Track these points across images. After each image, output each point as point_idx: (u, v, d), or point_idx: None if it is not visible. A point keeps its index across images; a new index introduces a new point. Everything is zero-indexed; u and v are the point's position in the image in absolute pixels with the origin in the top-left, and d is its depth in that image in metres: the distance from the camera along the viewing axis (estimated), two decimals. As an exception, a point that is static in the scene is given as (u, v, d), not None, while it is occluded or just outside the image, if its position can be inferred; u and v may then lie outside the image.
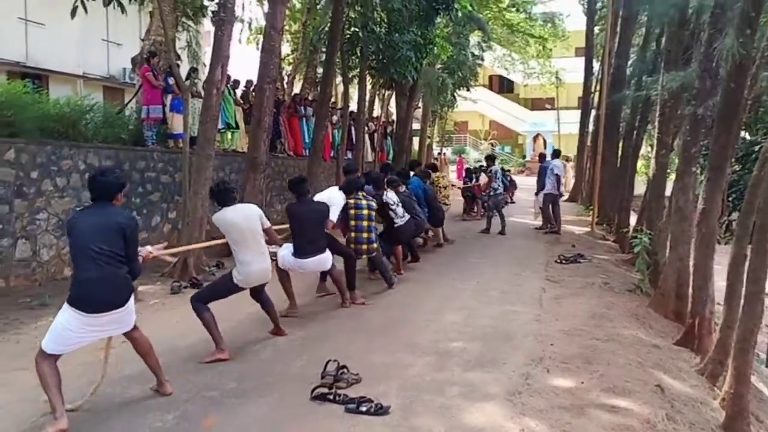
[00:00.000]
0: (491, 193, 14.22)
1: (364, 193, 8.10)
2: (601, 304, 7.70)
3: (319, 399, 4.54)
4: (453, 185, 17.11)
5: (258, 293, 5.99)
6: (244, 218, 5.61)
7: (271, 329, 6.15)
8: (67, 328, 4.07)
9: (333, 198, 7.74)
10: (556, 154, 15.19)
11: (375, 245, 8.08)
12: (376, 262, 8.48)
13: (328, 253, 6.98)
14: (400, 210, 9.00)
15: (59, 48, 17.73)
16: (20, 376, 4.79)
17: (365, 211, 7.89)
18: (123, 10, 9.13)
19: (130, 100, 13.10)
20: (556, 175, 13.91)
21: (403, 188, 9.80)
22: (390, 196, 9.01)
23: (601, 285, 8.88)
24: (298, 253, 6.75)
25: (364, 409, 4.32)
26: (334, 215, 7.50)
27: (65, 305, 4.12)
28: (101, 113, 10.52)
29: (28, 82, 9.53)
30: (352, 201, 7.83)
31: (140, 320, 4.66)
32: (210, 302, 5.53)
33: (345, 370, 4.92)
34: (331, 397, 4.53)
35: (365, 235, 7.88)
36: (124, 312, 4.27)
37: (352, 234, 7.87)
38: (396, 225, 8.96)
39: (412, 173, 11.57)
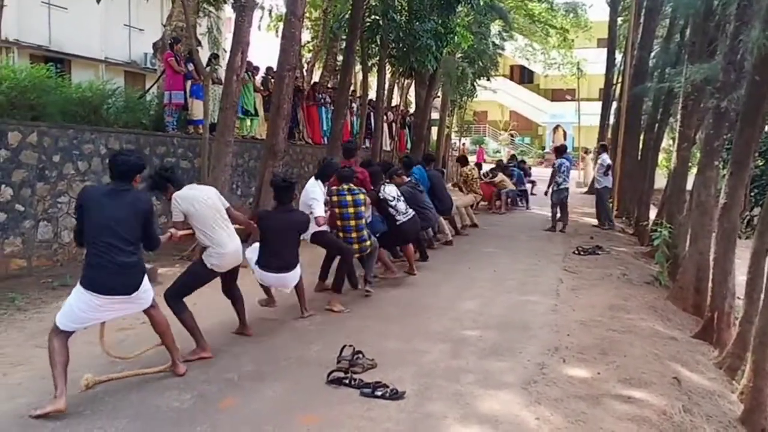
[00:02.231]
0: (554, 188, 13.44)
1: (350, 186, 7.11)
2: (618, 296, 7.66)
3: (335, 383, 4.57)
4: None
5: (230, 285, 5.54)
6: (207, 196, 5.16)
7: (236, 329, 5.72)
8: (79, 307, 4.09)
9: (310, 193, 6.82)
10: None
11: (368, 243, 7.22)
12: (364, 260, 7.44)
13: (295, 272, 5.99)
14: (401, 205, 8.10)
15: (82, 32, 17.89)
16: (41, 353, 4.83)
17: (351, 209, 6.97)
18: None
19: (152, 86, 13.17)
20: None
21: (406, 179, 9.16)
22: (388, 190, 8.08)
23: (619, 277, 8.84)
24: (260, 263, 5.92)
25: (379, 393, 4.35)
26: (319, 210, 6.66)
27: (78, 286, 4.14)
28: (123, 98, 10.60)
29: (50, 66, 9.61)
30: (335, 198, 6.98)
31: (159, 303, 4.70)
32: (186, 296, 5.16)
33: (360, 356, 4.94)
34: (347, 381, 4.57)
35: (354, 234, 7.04)
36: (139, 293, 4.28)
37: (340, 234, 7.07)
38: (398, 222, 8.04)
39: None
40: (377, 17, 15.46)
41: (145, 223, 4.28)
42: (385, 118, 19.15)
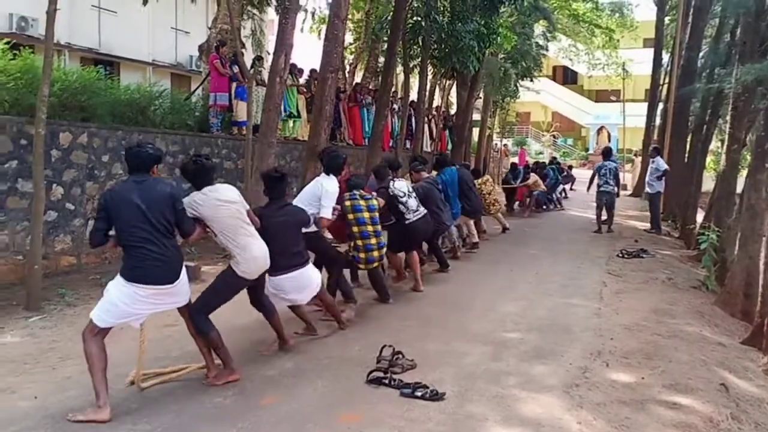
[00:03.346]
0: (598, 190, 13.33)
1: (362, 192, 6.68)
2: (663, 300, 7.51)
3: (375, 383, 4.59)
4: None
5: (260, 294, 5.19)
6: (228, 199, 4.66)
7: (272, 344, 5.35)
8: (123, 301, 4.05)
9: (326, 186, 6.18)
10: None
11: (384, 249, 6.87)
12: (377, 275, 7.02)
13: (310, 268, 5.52)
14: (412, 202, 7.51)
15: (130, 35, 18.28)
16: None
17: (366, 214, 6.51)
18: (193, -2, 9.34)
19: (197, 87, 13.42)
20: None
21: (425, 174, 8.68)
22: (398, 186, 7.50)
23: (664, 281, 8.66)
24: (269, 271, 5.18)
25: (419, 394, 4.34)
26: (327, 210, 6.06)
27: (119, 279, 4.10)
28: (169, 100, 10.81)
29: (100, 69, 9.84)
30: (347, 203, 6.47)
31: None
32: (215, 310, 4.74)
33: (400, 356, 4.95)
34: (387, 381, 4.57)
35: (373, 241, 6.56)
36: (179, 284, 4.26)
37: (359, 242, 6.52)
38: (407, 221, 7.46)
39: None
40: (419, 18, 15.43)
41: (174, 207, 4.22)
42: (426, 119, 19.12)
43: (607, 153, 14.15)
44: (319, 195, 6.10)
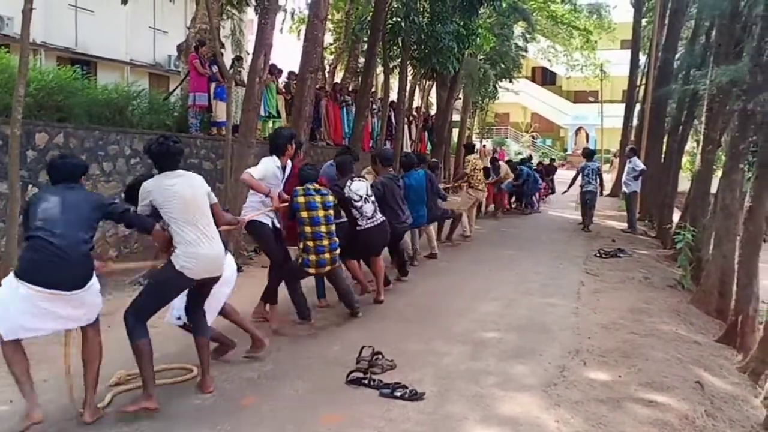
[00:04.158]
0: (581, 190, 13.81)
1: (317, 186, 6.02)
2: (640, 299, 7.61)
3: (355, 383, 4.59)
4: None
5: (198, 304, 4.50)
6: (190, 187, 4.23)
7: (198, 380, 4.55)
8: (13, 305, 3.65)
9: (261, 167, 5.79)
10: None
11: (338, 251, 6.11)
12: (336, 280, 6.36)
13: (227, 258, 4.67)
14: (368, 207, 6.72)
15: (107, 35, 18.13)
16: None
17: (321, 212, 5.88)
18: (171, -2, 9.29)
19: (176, 87, 13.32)
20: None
21: (390, 170, 7.93)
22: (355, 188, 6.70)
23: (641, 280, 8.77)
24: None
25: (398, 394, 4.36)
26: (254, 171, 5.69)
27: (11, 277, 3.71)
28: (147, 100, 10.73)
29: (77, 68, 9.75)
30: (301, 198, 5.85)
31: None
32: (153, 313, 4.23)
33: (380, 356, 4.96)
34: (366, 381, 4.58)
35: (326, 242, 5.91)
36: (84, 295, 3.80)
37: (309, 243, 5.88)
38: (359, 227, 6.72)
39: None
40: (399, 19, 15.44)
41: (104, 209, 3.99)
42: (406, 120, 19.15)
43: (589, 154, 14.63)
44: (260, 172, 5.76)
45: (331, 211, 6.03)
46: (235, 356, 5.11)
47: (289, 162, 6.12)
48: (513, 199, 17.97)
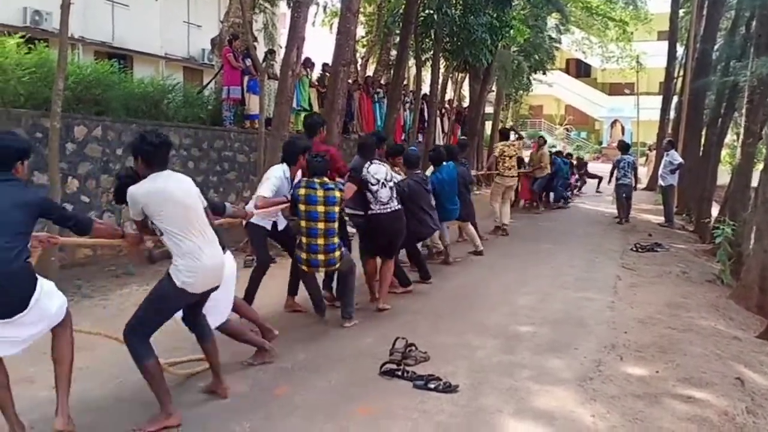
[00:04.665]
0: (617, 183, 13.83)
1: (324, 179, 5.59)
2: (678, 294, 7.47)
3: (388, 375, 4.59)
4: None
5: (197, 309, 4.12)
6: (182, 190, 3.81)
7: (208, 384, 4.32)
8: None
9: (268, 172, 5.90)
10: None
11: (337, 254, 5.63)
12: (339, 279, 6.05)
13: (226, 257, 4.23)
14: (384, 193, 6.29)
15: (143, 29, 18.35)
16: (104, 339, 4.95)
17: (320, 208, 5.44)
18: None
19: (210, 81, 13.43)
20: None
21: (418, 171, 7.43)
22: (374, 170, 6.31)
23: (678, 274, 8.61)
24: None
25: (432, 386, 4.35)
26: (263, 189, 5.62)
27: None
28: (182, 93, 10.85)
29: (114, 62, 9.89)
30: (302, 191, 5.48)
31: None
32: (153, 331, 3.86)
33: (413, 348, 4.95)
34: (400, 373, 4.57)
35: (321, 241, 5.50)
36: (32, 310, 3.35)
37: (303, 239, 5.56)
38: (370, 212, 6.33)
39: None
40: (431, 11, 15.40)
41: (50, 214, 3.56)
42: (438, 112, 19.07)
43: (625, 147, 14.54)
44: (262, 180, 5.84)
45: (335, 208, 5.54)
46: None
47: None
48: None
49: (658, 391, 4.52)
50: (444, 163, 8.64)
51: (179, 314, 4.18)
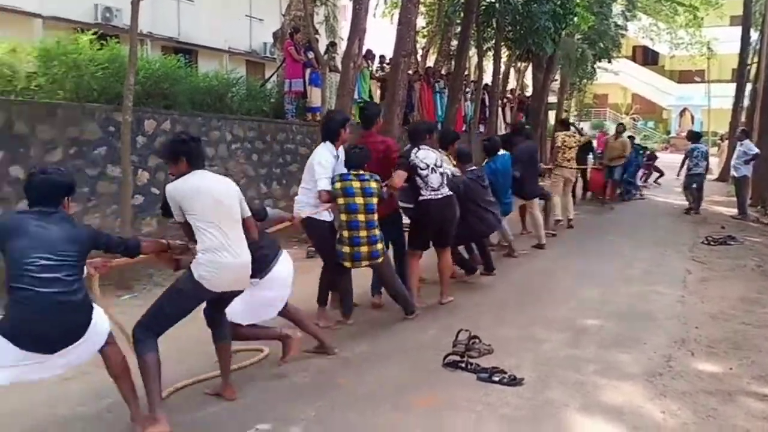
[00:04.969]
0: (688, 173, 13.63)
1: (359, 171, 5.44)
2: (752, 288, 7.18)
3: (451, 366, 4.56)
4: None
5: (218, 312, 4.06)
6: (219, 187, 3.84)
7: (216, 389, 4.15)
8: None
9: (316, 156, 5.58)
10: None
11: (380, 246, 5.49)
12: (381, 274, 5.79)
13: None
14: (434, 178, 6.01)
15: (207, 24, 18.71)
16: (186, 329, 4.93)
17: (359, 199, 5.33)
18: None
19: (273, 74, 13.60)
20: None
21: (472, 166, 7.23)
22: (422, 155, 6.05)
23: (753, 268, 8.28)
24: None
25: (496, 379, 4.30)
26: (322, 182, 5.42)
27: None
28: (245, 87, 11.02)
29: (180, 57, 10.11)
30: (338, 184, 5.37)
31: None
32: (166, 327, 3.76)
33: (477, 340, 4.91)
34: (463, 365, 4.54)
35: (363, 233, 5.36)
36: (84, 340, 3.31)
37: (345, 233, 5.40)
38: (420, 198, 6.05)
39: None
40: (493, 0, 15.20)
41: (98, 244, 3.53)
42: (500, 102, 18.84)
43: (696, 136, 14.29)
44: (312, 166, 5.52)
45: (373, 199, 5.40)
46: (334, 336, 5.19)
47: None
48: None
49: (732, 389, 4.35)
50: (499, 153, 8.36)
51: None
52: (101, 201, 7.33)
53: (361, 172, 5.45)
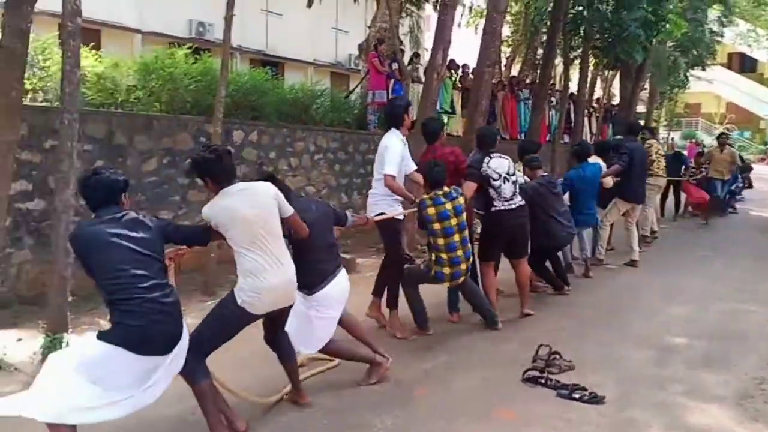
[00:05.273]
0: None
1: (446, 189, 5.31)
2: None
3: (531, 382, 4.52)
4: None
5: (276, 328, 4.00)
6: (252, 206, 3.59)
7: (288, 393, 4.21)
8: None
9: (385, 140, 5.54)
10: None
11: (470, 259, 5.60)
12: (467, 291, 5.76)
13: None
14: (507, 188, 5.92)
15: (294, 37, 19.19)
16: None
17: (453, 221, 5.24)
18: (356, -1, 9.67)
19: (357, 86, 13.83)
20: None
21: (542, 172, 7.01)
22: (495, 165, 5.93)
23: None
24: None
25: (577, 396, 4.22)
26: (389, 167, 5.33)
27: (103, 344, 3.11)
28: (329, 98, 11.25)
29: (268, 70, 10.42)
30: (430, 209, 5.22)
31: (354, 292, 4.61)
32: (213, 349, 3.68)
33: (557, 356, 4.83)
34: (543, 381, 4.49)
35: (460, 252, 5.31)
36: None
37: (443, 255, 5.29)
38: (494, 208, 5.97)
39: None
40: (581, 8, 14.92)
41: (167, 238, 3.46)
42: (586, 112, 18.44)
43: None
44: (381, 151, 5.46)
45: (464, 216, 5.37)
46: (408, 346, 5.23)
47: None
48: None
49: (828, 414, 4.12)
50: (589, 160, 8.05)
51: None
52: (191, 209, 7.63)
53: (448, 189, 5.34)
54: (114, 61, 7.98)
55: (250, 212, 3.55)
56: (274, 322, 3.94)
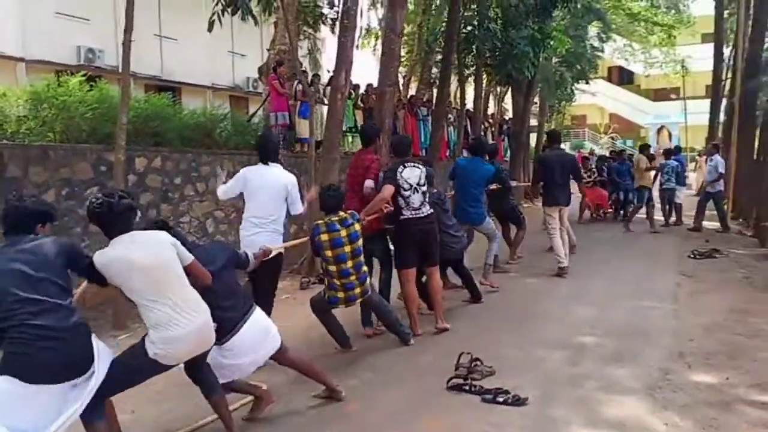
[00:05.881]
0: (660, 187, 14.03)
1: (341, 215, 5.39)
2: (741, 299, 7.31)
3: (455, 389, 4.63)
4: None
5: (197, 368, 3.81)
6: (149, 253, 3.39)
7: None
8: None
9: (281, 180, 5.77)
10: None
11: (368, 281, 5.60)
12: (372, 305, 5.84)
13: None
14: (416, 198, 6.03)
15: (190, 61, 18.83)
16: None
17: (347, 248, 5.30)
18: (256, 22, 9.66)
19: (258, 108, 13.75)
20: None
21: (431, 189, 6.55)
22: (407, 175, 6.02)
23: (740, 280, 8.43)
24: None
25: (500, 399, 4.37)
26: (295, 204, 5.71)
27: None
28: (231, 122, 11.12)
29: (166, 95, 10.21)
30: (324, 236, 5.27)
31: (275, 314, 4.78)
32: (116, 393, 3.51)
33: (478, 363, 4.98)
34: (467, 387, 4.61)
35: (353, 277, 5.37)
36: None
37: (336, 282, 5.36)
38: (401, 217, 6.06)
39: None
40: (472, 27, 15.50)
41: (71, 263, 3.31)
42: (482, 127, 19.09)
43: (668, 152, 14.72)
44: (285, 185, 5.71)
45: (359, 243, 5.39)
46: (335, 363, 5.24)
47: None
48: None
49: (730, 398, 4.46)
50: (478, 156, 8.18)
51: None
52: (93, 240, 7.32)
53: (344, 215, 5.39)
54: (2, 91, 7.62)
55: (147, 259, 3.35)
56: (192, 364, 3.73)
